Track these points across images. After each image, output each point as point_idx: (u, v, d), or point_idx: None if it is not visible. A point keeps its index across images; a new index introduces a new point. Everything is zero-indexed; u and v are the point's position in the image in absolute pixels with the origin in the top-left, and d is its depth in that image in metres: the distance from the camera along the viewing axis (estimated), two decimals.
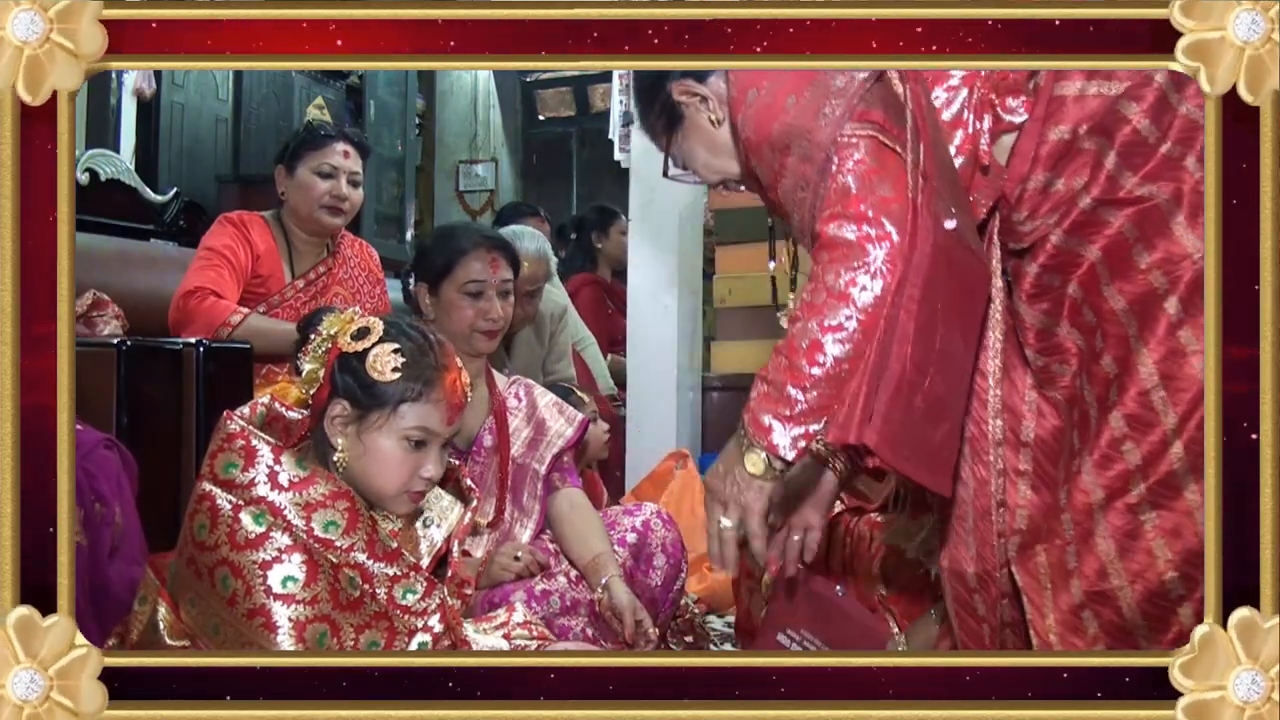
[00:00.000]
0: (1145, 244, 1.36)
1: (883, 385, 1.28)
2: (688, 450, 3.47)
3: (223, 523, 1.42)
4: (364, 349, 1.50)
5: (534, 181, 8.60)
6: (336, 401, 1.51)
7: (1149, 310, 1.35)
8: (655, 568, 2.25)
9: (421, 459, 1.53)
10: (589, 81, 8.20)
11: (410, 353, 1.51)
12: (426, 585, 1.51)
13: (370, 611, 1.45)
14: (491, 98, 8.45)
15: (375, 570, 1.46)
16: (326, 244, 2.83)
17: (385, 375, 1.48)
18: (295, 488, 1.45)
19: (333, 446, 1.51)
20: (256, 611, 1.39)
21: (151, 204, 3.83)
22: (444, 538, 1.65)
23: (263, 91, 5.91)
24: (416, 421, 1.51)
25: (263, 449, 1.46)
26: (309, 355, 1.54)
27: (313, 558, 1.42)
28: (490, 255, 2.27)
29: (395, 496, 1.53)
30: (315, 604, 1.41)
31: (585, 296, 4.38)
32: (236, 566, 1.40)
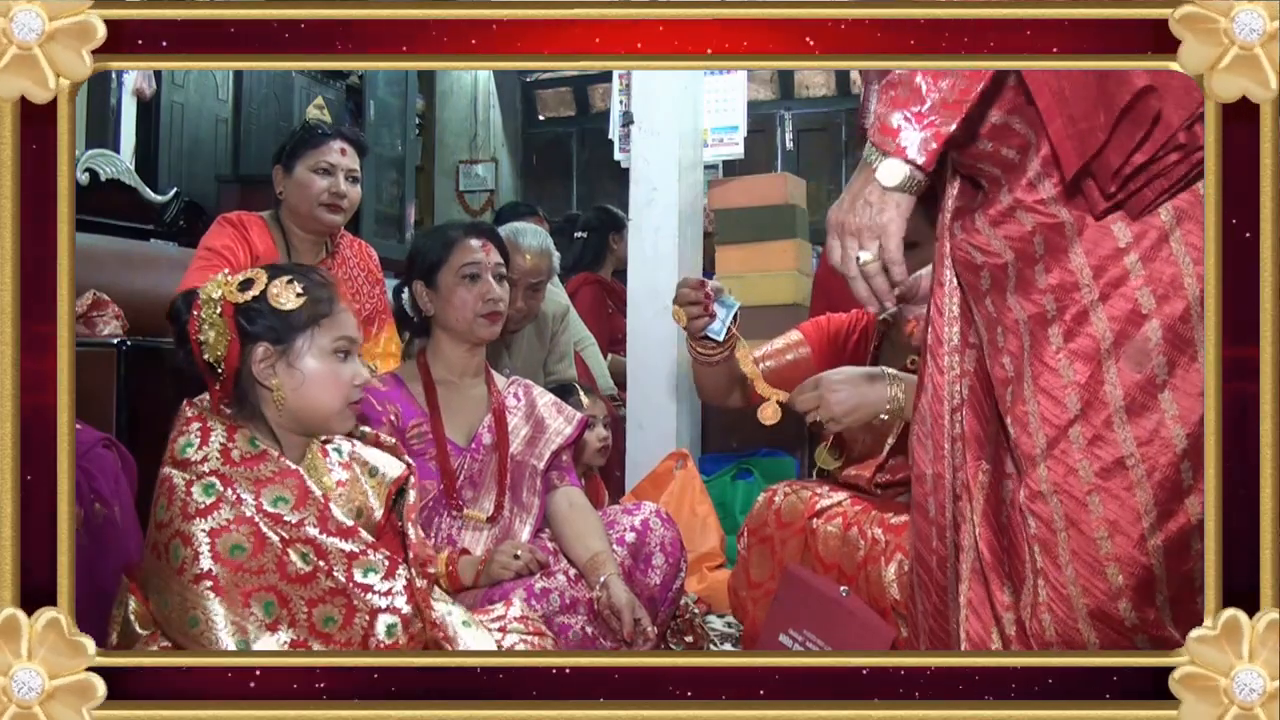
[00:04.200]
0: (1045, 264, 1.35)
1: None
2: (687, 451, 3.47)
3: (177, 498, 1.48)
4: (260, 292, 1.58)
5: (534, 181, 8.60)
6: (255, 348, 1.58)
7: (1039, 332, 1.35)
8: (654, 567, 2.26)
9: (351, 368, 1.63)
10: (589, 81, 8.21)
11: (301, 279, 1.60)
12: (389, 564, 1.56)
13: (324, 587, 1.51)
14: (491, 98, 8.45)
15: (330, 546, 1.52)
16: (325, 244, 2.83)
17: (292, 302, 1.58)
18: (246, 463, 1.53)
19: (267, 388, 1.59)
20: (204, 576, 1.44)
21: (151, 204, 3.84)
22: (393, 478, 1.72)
23: (263, 91, 5.92)
24: (338, 332, 1.62)
25: (217, 428, 1.55)
26: (204, 326, 1.58)
27: (260, 530, 1.48)
28: (482, 240, 2.33)
29: (340, 411, 1.63)
30: (262, 574, 1.48)
31: (585, 296, 4.37)
32: (186, 535, 1.46)
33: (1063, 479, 1.33)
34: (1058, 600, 1.35)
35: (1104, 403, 1.31)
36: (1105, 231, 1.32)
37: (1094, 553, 1.32)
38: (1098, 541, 1.32)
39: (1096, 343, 1.32)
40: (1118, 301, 1.31)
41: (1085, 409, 1.32)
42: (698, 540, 3.10)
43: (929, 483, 1.51)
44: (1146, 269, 1.30)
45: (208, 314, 1.58)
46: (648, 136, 3.77)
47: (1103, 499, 1.31)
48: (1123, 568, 1.31)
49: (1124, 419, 1.31)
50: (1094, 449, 1.32)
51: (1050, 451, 1.34)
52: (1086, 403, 1.32)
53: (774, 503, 2.16)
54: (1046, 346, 1.35)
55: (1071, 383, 1.33)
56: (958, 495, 1.49)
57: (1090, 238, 1.32)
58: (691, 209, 3.82)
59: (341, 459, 1.70)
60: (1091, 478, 1.32)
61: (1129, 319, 1.30)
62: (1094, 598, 1.33)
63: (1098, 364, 1.31)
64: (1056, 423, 1.34)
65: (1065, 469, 1.33)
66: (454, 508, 2.17)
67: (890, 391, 1.97)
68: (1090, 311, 1.32)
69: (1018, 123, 1.36)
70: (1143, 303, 1.30)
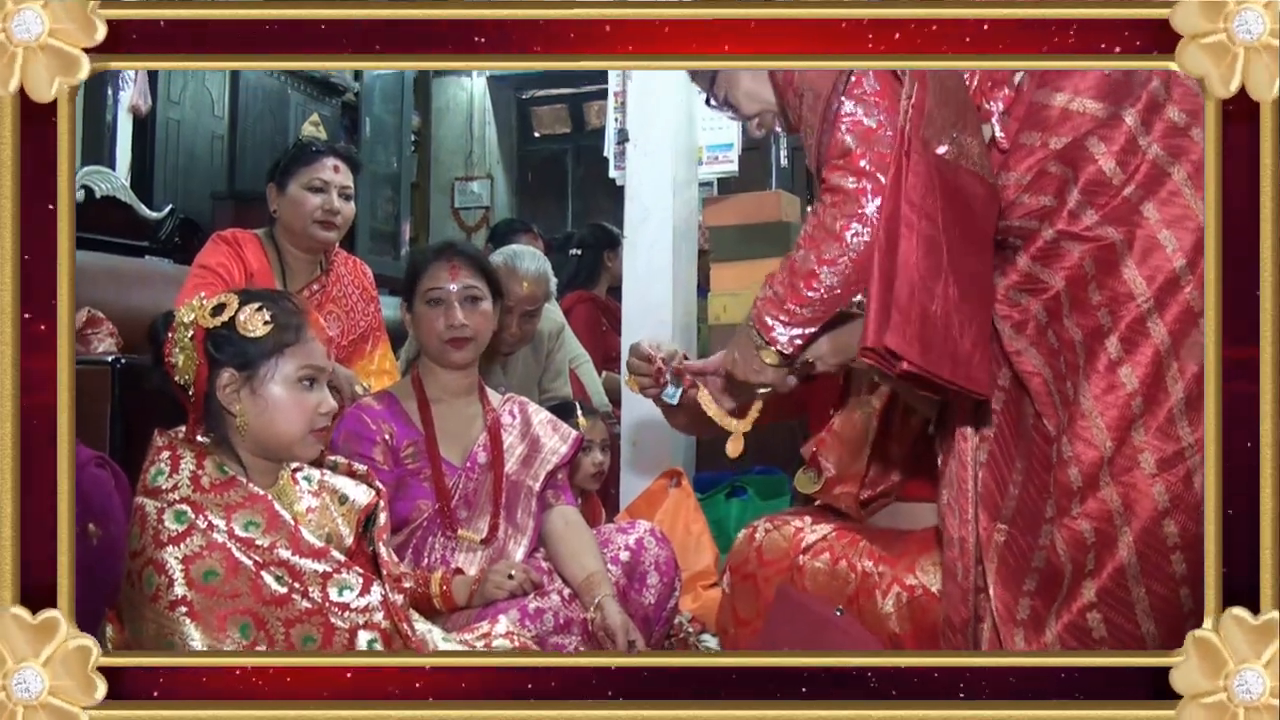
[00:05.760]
0: (1098, 281, 1.41)
1: (895, 296, 1.34)
2: (682, 468, 3.46)
3: (149, 526, 1.49)
4: (230, 318, 1.59)
5: (529, 198, 8.61)
6: (220, 373, 1.59)
7: (1094, 345, 1.41)
8: (649, 586, 2.25)
9: (316, 396, 1.63)
10: (584, 99, 8.22)
11: (272, 306, 1.61)
12: (363, 581, 1.58)
13: (300, 608, 1.52)
14: (487, 115, 8.46)
15: (303, 566, 1.54)
16: (320, 261, 2.83)
17: (259, 330, 1.59)
18: (216, 489, 1.55)
19: (231, 414, 1.60)
20: (179, 602, 1.46)
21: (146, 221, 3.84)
22: (362, 505, 1.74)
23: (258, 108, 5.91)
24: (303, 361, 1.62)
25: (187, 455, 1.57)
26: (175, 348, 1.61)
27: (233, 555, 1.50)
28: (450, 264, 2.28)
29: (302, 439, 1.63)
30: (237, 598, 1.49)
31: (580, 314, 4.37)
32: (159, 563, 1.47)
33: (1125, 474, 1.38)
34: (1114, 599, 1.38)
35: (1165, 399, 1.37)
36: (1153, 241, 1.39)
37: (1160, 542, 1.36)
38: (1165, 532, 1.36)
39: (1156, 346, 1.37)
40: (1172, 306, 1.37)
41: (1146, 407, 1.38)
42: (692, 559, 3.09)
43: (956, 547, 1.55)
44: (1193, 271, 1.37)
45: (180, 337, 1.61)
46: (643, 154, 3.77)
47: (1166, 485, 1.36)
48: (1186, 556, 1.35)
49: (1183, 412, 1.36)
50: (1156, 442, 1.37)
51: (1114, 459, 1.39)
52: (1148, 401, 1.38)
53: (755, 539, 2.08)
54: (1103, 356, 1.40)
55: (1135, 391, 1.38)
56: (979, 559, 1.53)
57: (1140, 249, 1.39)
58: (686, 226, 3.82)
59: (311, 487, 1.72)
60: (1153, 469, 1.37)
61: (1184, 319, 1.37)
62: (1155, 584, 1.37)
63: (1159, 366, 1.37)
64: (1118, 429, 1.39)
65: (1128, 464, 1.38)
66: (449, 528, 2.17)
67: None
68: (1147, 318, 1.38)
69: (1054, 165, 1.46)
70: (1194, 304, 1.36)
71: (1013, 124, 1.51)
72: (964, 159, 1.44)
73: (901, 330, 1.32)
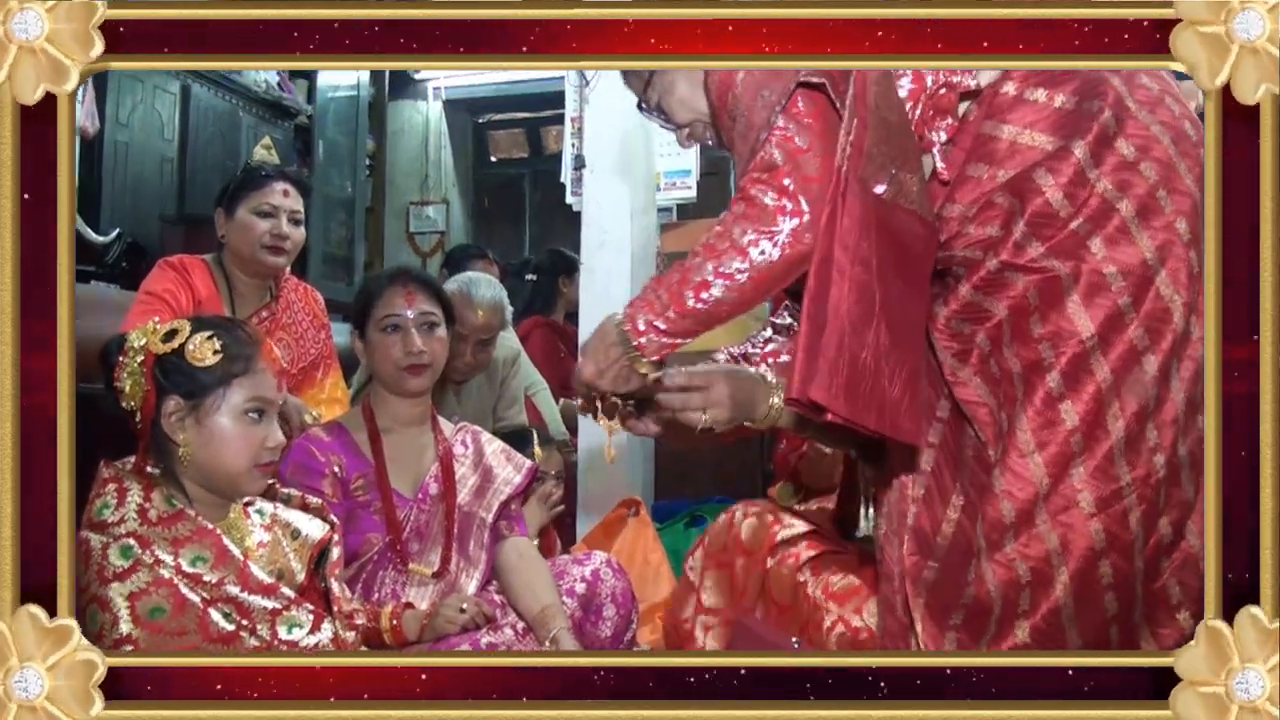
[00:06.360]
0: (1041, 314, 1.41)
1: (823, 345, 1.31)
2: (640, 498, 3.43)
3: (94, 562, 1.46)
4: (180, 345, 1.56)
5: (485, 223, 8.57)
6: (167, 400, 1.56)
7: (1033, 378, 1.40)
8: (605, 618, 2.22)
9: (263, 430, 1.60)
10: (541, 124, 8.20)
11: (223, 335, 1.58)
12: (314, 618, 1.56)
13: (249, 646, 1.50)
14: (443, 138, 8.42)
15: (252, 604, 1.52)
16: (269, 287, 2.78)
17: (208, 360, 1.56)
18: (164, 523, 1.52)
19: (175, 443, 1.57)
20: (124, 640, 1.43)
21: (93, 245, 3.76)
22: (315, 540, 1.72)
23: (209, 130, 5.82)
24: (251, 392, 1.59)
25: (134, 487, 1.54)
26: (124, 373, 1.58)
27: (180, 591, 1.47)
28: (405, 289, 2.25)
29: (247, 472, 1.59)
30: (184, 635, 1.46)
31: (537, 340, 4.34)
32: (104, 600, 1.44)
33: (1063, 514, 1.37)
34: (1046, 639, 1.38)
35: (1105, 438, 1.36)
36: (1099, 277, 1.38)
37: (1095, 583, 1.37)
38: (1100, 572, 1.36)
39: (1099, 384, 1.37)
40: (1117, 345, 1.37)
41: (1086, 445, 1.37)
42: (650, 590, 3.05)
43: (896, 580, 1.53)
44: (1137, 309, 1.37)
45: (129, 361, 1.58)
46: (600, 180, 3.76)
47: (1103, 525, 1.36)
48: (1118, 595, 1.37)
49: (1122, 451, 1.36)
50: (1094, 482, 1.37)
51: (1050, 496, 1.38)
52: (1087, 439, 1.37)
53: (734, 524, 2.04)
54: (1041, 390, 1.39)
55: (1075, 427, 1.37)
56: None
57: (1085, 285, 1.38)
58: (644, 252, 3.82)
59: (264, 520, 1.68)
60: (1091, 508, 1.36)
61: (1128, 357, 1.37)
62: (1087, 624, 1.37)
63: (1100, 404, 1.36)
64: (1055, 466, 1.38)
65: (1065, 503, 1.37)
66: (400, 561, 2.12)
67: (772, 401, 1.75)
68: (1090, 356, 1.37)
69: (1000, 196, 1.44)
70: (1138, 342, 1.36)
71: (958, 155, 1.49)
72: (902, 198, 1.42)
73: (827, 381, 1.30)
